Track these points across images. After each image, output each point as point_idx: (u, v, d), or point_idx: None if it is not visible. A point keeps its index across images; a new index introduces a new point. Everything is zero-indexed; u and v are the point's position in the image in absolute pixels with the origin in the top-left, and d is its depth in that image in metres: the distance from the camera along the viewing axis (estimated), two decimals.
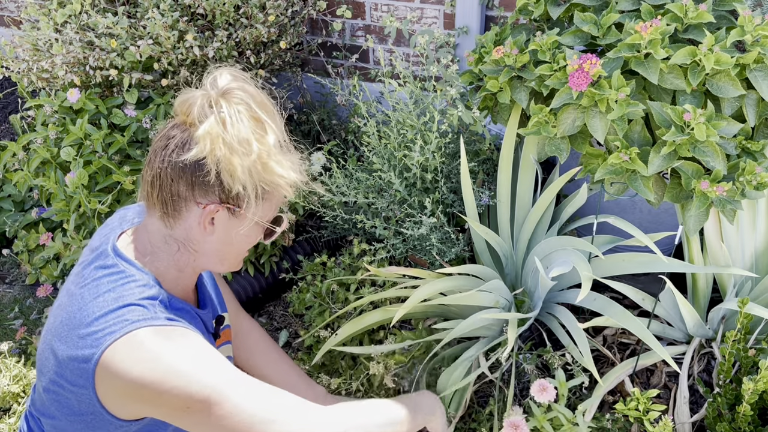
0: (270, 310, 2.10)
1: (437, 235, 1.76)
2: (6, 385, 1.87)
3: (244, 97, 1.03)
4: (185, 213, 1.07)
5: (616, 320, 1.50)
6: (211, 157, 1.00)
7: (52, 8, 2.07)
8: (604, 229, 1.78)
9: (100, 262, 1.10)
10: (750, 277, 1.68)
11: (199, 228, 1.08)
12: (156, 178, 1.05)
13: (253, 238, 1.16)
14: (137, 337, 1.00)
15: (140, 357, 0.99)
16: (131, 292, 1.05)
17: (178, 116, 1.06)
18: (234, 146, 1.00)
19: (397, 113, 1.82)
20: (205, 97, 1.02)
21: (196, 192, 1.05)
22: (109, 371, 0.99)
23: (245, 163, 1.01)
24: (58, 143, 2.07)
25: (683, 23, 1.47)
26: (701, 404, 1.60)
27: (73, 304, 1.07)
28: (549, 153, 1.56)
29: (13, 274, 2.36)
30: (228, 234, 1.11)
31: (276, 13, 2.15)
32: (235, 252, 1.16)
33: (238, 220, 1.10)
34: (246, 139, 1.01)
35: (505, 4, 2.21)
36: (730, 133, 1.41)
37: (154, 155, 1.06)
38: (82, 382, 1.02)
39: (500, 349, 1.60)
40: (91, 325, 1.02)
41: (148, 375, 0.98)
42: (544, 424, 1.31)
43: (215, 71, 1.05)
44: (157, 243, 1.11)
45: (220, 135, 0.99)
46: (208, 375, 1.01)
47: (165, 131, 1.07)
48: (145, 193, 1.09)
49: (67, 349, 1.03)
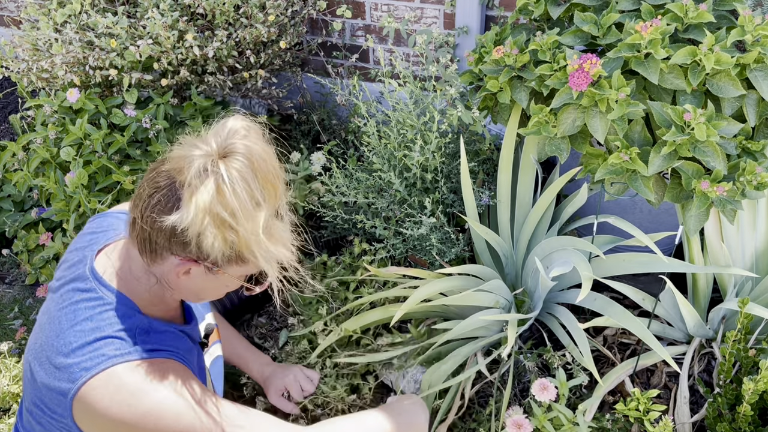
0: (270, 310, 2.09)
1: (437, 235, 1.76)
2: (6, 385, 1.87)
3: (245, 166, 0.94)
4: (162, 259, 1.03)
5: (617, 320, 1.50)
6: (192, 228, 0.93)
7: (52, 8, 2.07)
8: (604, 229, 1.78)
9: (78, 284, 1.08)
10: (750, 277, 1.68)
11: (174, 275, 1.04)
12: (136, 220, 1.01)
13: (234, 287, 1.12)
14: (115, 375, 0.99)
15: (118, 396, 0.98)
16: (109, 321, 1.03)
17: (172, 164, 0.98)
18: (220, 220, 0.93)
19: (397, 113, 1.82)
20: (204, 159, 0.93)
21: (173, 247, 1.00)
22: (87, 407, 0.99)
23: (229, 238, 0.94)
24: (58, 143, 2.07)
25: (683, 23, 1.47)
26: (701, 404, 1.60)
27: (52, 329, 1.05)
28: (549, 153, 1.55)
29: (12, 274, 2.36)
30: (204, 284, 1.07)
31: (276, 13, 2.15)
32: (214, 294, 1.13)
33: (215, 276, 1.05)
34: (234, 214, 0.93)
35: (505, 4, 2.21)
36: (730, 133, 1.41)
37: (139, 198, 1.01)
38: (61, 412, 1.01)
39: (500, 349, 1.60)
40: (68, 357, 1.00)
41: (127, 415, 0.98)
42: (545, 424, 1.31)
43: (228, 120, 0.97)
44: (138, 272, 1.08)
45: (207, 207, 0.92)
46: (187, 415, 1.01)
47: (156, 172, 1.00)
48: (128, 225, 1.05)
49: (45, 376, 1.02)
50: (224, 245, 0.95)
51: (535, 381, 1.34)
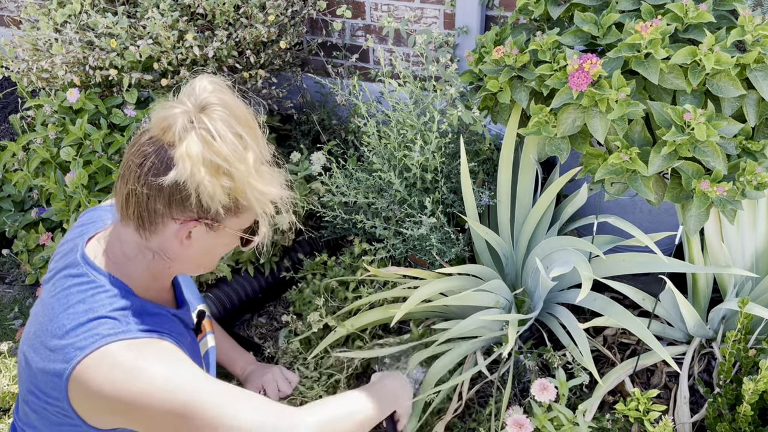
0: (270, 310, 2.09)
1: (437, 235, 1.76)
2: (6, 385, 1.87)
3: (224, 114, 0.99)
4: (161, 228, 1.05)
5: (617, 320, 1.50)
6: (191, 180, 0.97)
7: (52, 8, 2.07)
8: (604, 229, 1.78)
9: (70, 270, 1.09)
10: (750, 277, 1.68)
11: (176, 241, 1.06)
12: (131, 194, 1.03)
13: (231, 246, 1.15)
14: (109, 353, 0.99)
15: (113, 374, 0.98)
16: (101, 303, 1.04)
17: (155, 130, 1.01)
18: (215, 168, 0.97)
19: (397, 113, 1.82)
20: (185, 115, 0.98)
21: (173, 210, 1.02)
22: (82, 387, 0.99)
23: (225, 184, 0.99)
24: (58, 143, 2.07)
25: (683, 23, 1.47)
26: (701, 404, 1.60)
27: (45, 315, 1.06)
28: (549, 153, 1.55)
29: (12, 274, 2.36)
30: (205, 245, 1.10)
31: (276, 13, 2.15)
32: (211, 258, 1.15)
33: (216, 233, 1.08)
34: (227, 159, 0.98)
35: (505, 4, 2.21)
36: (730, 133, 1.41)
37: (128, 171, 1.02)
38: (56, 395, 1.01)
39: (500, 349, 1.60)
40: (62, 339, 1.01)
41: (122, 393, 0.98)
42: (546, 424, 1.31)
43: (194, 81, 1.02)
44: (131, 252, 1.09)
45: (200, 156, 0.96)
46: (182, 391, 1.01)
47: (139, 145, 1.03)
48: (119, 206, 1.07)
49: (40, 360, 1.03)
50: (222, 193, 0.99)
51: (535, 381, 1.34)
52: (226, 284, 1.96)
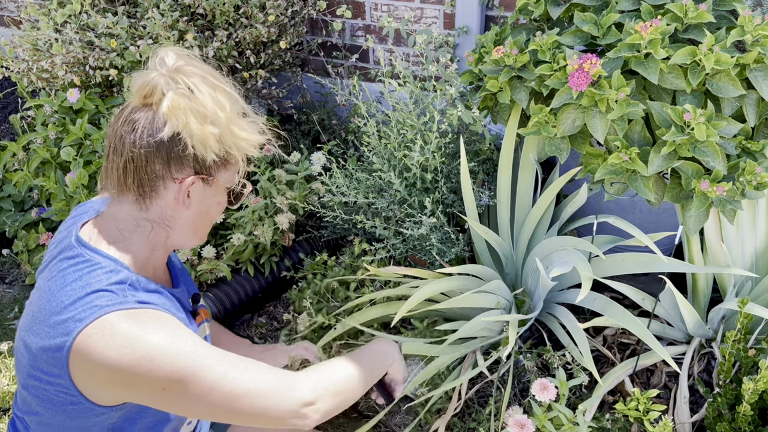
0: (270, 309, 2.10)
1: (437, 235, 1.76)
2: (6, 385, 1.87)
3: (197, 71, 1.08)
4: (162, 191, 1.10)
5: (616, 320, 1.50)
6: (186, 129, 1.04)
7: (52, 8, 2.07)
8: (604, 229, 1.78)
9: (65, 253, 1.11)
10: (750, 277, 1.68)
11: (176, 203, 1.11)
12: (129, 161, 1.07)
13: (222, 205, 1.22)
14: (108, 322, 1.00)
15: (113, 342, 0.99)
16: (98, 278, 1.05)
17: (136, 100, 1.08)
18: (203, 116, 1.05)
19: (397, 113, 1.82)
20: (163, 77, 1.05)
21: (172, 168, 1.08)
22: (83, 357, 1.00)
23: (215, 131, 1.07)
24: (58, 143, 2.07)
25: (683, 23, 1.47)
26: (701, 404, 1.60)
27: (42, 298, 1.07)
28: (549, 153, 1.56)
29: (13, 274, 2.36)
30: (203, 204, 1.15)
31: (276, 13, 2.15)
32: (207, 222, 1.21)
33: (211, 188, 1.15)
34: (211, 108, 1.06)
35: (505, 4, 2.21)
36: (730, 133, 1.41)
37: (119, 141, 1.08)
38: (57, 371, 1.02)
39: (500, 349, 1.60)
40: (61, 314, 1.02)
41: (123, 359, 0.99)
42: (546, 423, 1.31)
43: (158, 51, 1.09)
44: (128, 228, 1.12)
45: (188, 107, 1.04)
46: (182, 356, 1.02)
47: (124, 117, 1.08)
48: (115, 181, 1.10)
49: (40, 340, 1.04)
50: (213, 141, 1.07)
51: (535, 381, 1.34)
52: (226, 284, 1.96)
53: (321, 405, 1.14)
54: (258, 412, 1.08)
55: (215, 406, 1.05)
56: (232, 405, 1.06)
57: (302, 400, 1.11)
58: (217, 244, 2.01)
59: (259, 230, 1.86)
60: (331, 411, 1.17)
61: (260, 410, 1.08)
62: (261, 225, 1.88)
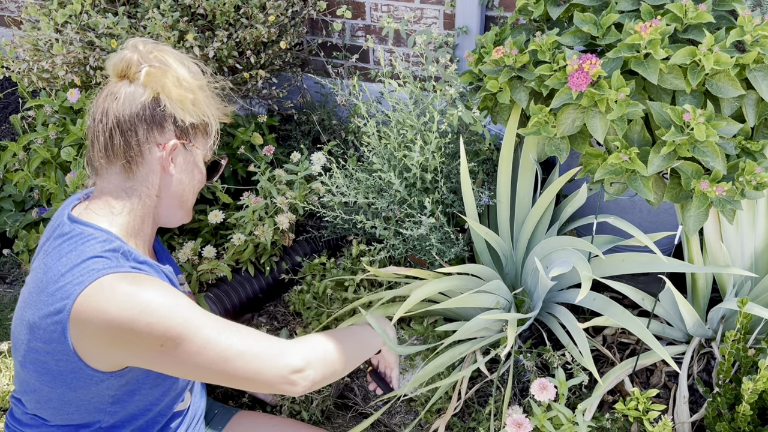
0: (270, 309, 2.10)
1: (437, 235, 1.76)
2: (6, 384, 1.88)
3: (167, 50, 1.20)
4: (148, 156, 1.17)
5: (616, 320, 1.51)
6: (165, 92, 1.15)
7: (53, 8, 2.07)
8: (603, 229, 1.79)
9: (58, 231, 1.14)
10: (749, 276, 1.68)
11: (161, 170, 1.19)
12: (114, 128, 1.14)
13: (203, 174, 1.31)
14: (107, 282, 1.04)
15: (113, 298, 1.03)
16: (92, 247, 1.09)
17: (115, 76, 1.17)
18: (178, 80, 1.16)
19: (397, 113, 1.82)
20: (136, 53, 1.16)
21: (154, 131, 1.16)
22: (83, 317, 1.03)
23: (190, 96, 1.17)
24: (59, 143, 2.08)
25: (683, 23, 1.47)
26: (701, 404, 1.60)
27: (38, 274, 1.10)
28: (549, 153, 1.56)
29: (13, 274, 2.36)
30: (186, 170, 1.23)
31: (276, 14, 2.15)
32: (190, 191, 1.27)
33: (191, 153, 1.24)
34: (184, 75, 1.18)
35: (505, 4, 2.21)
36: (729, 133, 1.41)
37: (103, 114, 1.15)
38: (57, 337, 1.05)
39: (499, 348, 1.61)
40: (59, 281, 1.05)
41: (123, 314, 1.02)
42: (545, 423, 1.31)
43: (128, 43, 1.19)
44: (118, 200, 1.17)
45: (166, 72, 1.15)
46: (180, 313, 1.06)
47: (105, 94, 1.17)
48: (102, 152, 1.16)
49: (39, 310, 1.06)
50: (189, 104, 1.18)
51: (535, 380, 1.34)
52: (226, 284, 1.96)
53: (310, 373, 1.17)
54: (249, 375, 1.11)
55: (208, 365, 1.08)
56: (226, 366, 1.09)
57: (293, 366, 1.14)
58: (218, 244, 2.01)
59: (260, 230, 1.86)
60: (320, 381, 1.20)
61: (251, 373, 1.11)
62: (261, 225, 1.88)
